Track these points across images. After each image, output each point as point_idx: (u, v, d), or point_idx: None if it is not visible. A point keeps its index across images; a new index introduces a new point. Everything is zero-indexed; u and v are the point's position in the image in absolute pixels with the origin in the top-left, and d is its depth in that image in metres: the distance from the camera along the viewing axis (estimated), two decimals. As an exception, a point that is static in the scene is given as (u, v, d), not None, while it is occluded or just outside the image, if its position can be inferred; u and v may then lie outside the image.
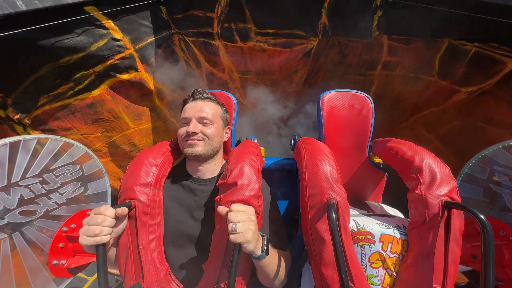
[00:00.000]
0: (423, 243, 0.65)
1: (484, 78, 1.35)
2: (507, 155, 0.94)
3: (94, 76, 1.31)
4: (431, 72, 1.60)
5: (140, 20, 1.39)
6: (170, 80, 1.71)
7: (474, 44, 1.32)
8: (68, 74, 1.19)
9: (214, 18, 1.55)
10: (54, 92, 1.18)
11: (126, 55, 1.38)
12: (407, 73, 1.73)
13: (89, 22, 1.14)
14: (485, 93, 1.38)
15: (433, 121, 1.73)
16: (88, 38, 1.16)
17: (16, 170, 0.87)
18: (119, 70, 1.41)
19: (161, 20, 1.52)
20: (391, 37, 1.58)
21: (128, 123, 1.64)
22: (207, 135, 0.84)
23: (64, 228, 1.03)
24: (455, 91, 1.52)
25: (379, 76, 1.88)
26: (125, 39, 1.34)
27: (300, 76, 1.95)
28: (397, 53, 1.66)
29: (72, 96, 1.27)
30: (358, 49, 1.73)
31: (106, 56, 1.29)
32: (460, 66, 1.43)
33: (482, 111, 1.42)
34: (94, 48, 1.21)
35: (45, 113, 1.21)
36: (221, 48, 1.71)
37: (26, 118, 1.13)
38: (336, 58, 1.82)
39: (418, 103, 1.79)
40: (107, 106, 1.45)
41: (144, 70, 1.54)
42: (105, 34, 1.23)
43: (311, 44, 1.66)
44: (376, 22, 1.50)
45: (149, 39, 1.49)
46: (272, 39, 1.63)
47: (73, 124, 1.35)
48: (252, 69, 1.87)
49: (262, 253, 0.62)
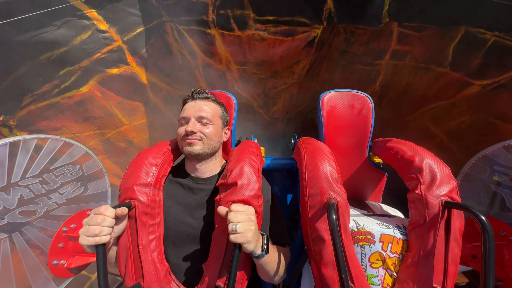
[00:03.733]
0: (423, 243, 0.66)
1: (501, 70, 1.27)
2: (507, 155, 0.94)
3: (81, 72, 1.23)
4: (443, 62, 1.51)
5: (127, 8, 1.28)
6: (164, 73, 1.62)
7: (494, 33, 1.23)
8: (51, 71, 1.12)
9: (209, 4, 1.43)
10: (38, 91, 1.12)
11: (114, 47, 1.29)
12: (417, 63, 1.64)
13: (69, 12, 1.04)
14: (500, 87, 1.31)
15: (441, 114, 1.66)
16: (70, 30, 1.07)
17: (16, 170, 0.88)
18: (108, 64, 1.33)
19: (151, 7, 1.40)
20: (402, 24, 1.47)
21: (121, 120, 1.58)
22: (205, 134, 0.84)
23: (64, 228, 1.03)
24: (467, 84, 1.44)
25: (387, 66, 1.78)
26: (111, 30, 1.24)
27: (302, 66, 1.84)
28: (407, 42, 1.56)
29: (59, 94, 1.20)
30: (365, 37, 1.62)
31: (91, 49, 1.20)
32: (476, 57, 1.34)
33: (495, 106, 1.35)
34: (77, 42, 1.12)
35: (31, 113, 1.15)
36: (217, 37, 1.61)
37: (11, 120, 1.08)
38: (341, 46, 1.72)
39: (427, 95, 1.71)
40: (97, 103, 1.39)
41: (135, 63, 1.45)
42: (89, 25, 1.14)
43: (315, 32, 1.55)
44: (387, 7, 1.37)
45: (139, 29, 1.38)
46: (272, 27, 1.53)
47: (63, 123, 1.30)
48: (251, 60, 1.77)
49: (262, 252, 0.63)
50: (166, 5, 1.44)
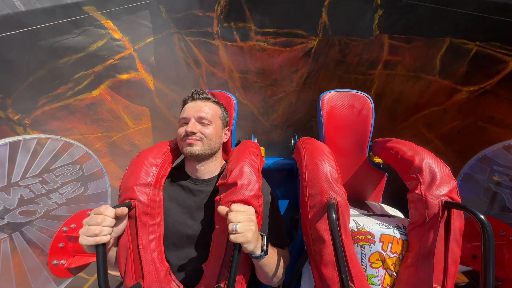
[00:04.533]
0: (423, 243, 0.65)
1: (485, 77, 1.34)
2: (507, 155, 0.94)
3: (94, 76, 1.31)
4: (432, 71, 1.59)
5: (139, 19, 1.39)
6: (170, 80, 1.70)
7: (476, 43, 1.31)
8: (68, 75, 1.19)
9: (214, 18, 1.54)
10: (53, 93, 1.19)
11: (125, 55, 1.38)
12: (408, 72, 1.72)
13: (88, 22, 1.14)
14: (486, 92, 1.37)
15: (434, 120, 1.71)
16: (87, 38, 1.16)
17: (16, 170, 0.87)
18: (119, 70, 1.41)
19: (161, 19, 1.52)
20: (391, 36, 1.57)
21: (128, 123, 1.64)
22: (205, 135, 0.83)
23: (64, 228, 1.03)
24: (456, 91, 1.51)
25: (380, 75, 1.87)
26: (124, 39, 1.34)
27: (300, 75, 1.94)
28: (397, 52, 1.65)
29: (72, 97, 1.27)
30: (358, 48, 1.72)
31: (105, 56, 1.29)
32: (462, 65, 1.42)
33: (483, 110, 1.41)
34: (93, 48, 1.21)
35: (45, 114, 1.21)
36: (221, 47, 1.70)
37: (26, 119, 1.13)
38: (336, 57, 1.81)
39: (419, 102, 1.77)
40: (107, 106, 1.45)
41: (144, 70, 1.54)
42: (104, 34, 1.23)
43: (311, 43, 1.65)
44: (377, 21, 1.49)
45: (149, 39, 1.48)
46: (272, 39, 1.62)
47: (73, 125, 1.35)
48: (252, 69, 1.86)
49: (262, 253, 0.62)
50: (175, 18, 1.55)
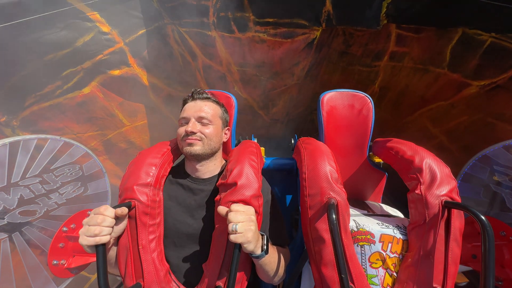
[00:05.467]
0: (423, 243, 0.65)
1: (498, 71, 1.28)
2: (507, 155, 0.94)
3: (83, 73, 1.25)
4: (441, 64, 1.52)
5: (129, 10, 1.30)
6: (165, 75, 1.63)
7: (491, 34, 1.24)
8: (54, 72, 1.13)
9: (209, 7, 1.45)
10: (41, 92, 1.13)
11: (115, 49, 1.30)
12: (415, 65, 1.65)
13: (72, 14, 1.06)
14: (498, 87, 1.32)
15: (440, 115, 1.67)
16: (73, 32, 1.09)
17: (16, 170, 0.87)
18: (110, 66, 1.34)
19: (152, 9, 1.42)
20: (399, 25, 1.48)
21: (123, 121, 1.59)
22: (205, 134, 0.83)
23: (64, 228, 1.03)
24: (465, 85, 1.45)
25: (385, 67, 1.80)
26: (113, 32, 1.26)
27: (302, 68, 1.86)
28: (405, 43, 1.57)
29: (61, 95, 1.22)
30: (364, 39, 1.63)
31: (94, 51, 1.21)
32: (473, 57, 1.35)
33: (493, 106, 1.36)
34: (80, 43, 1.13)
35: (33, 114, 1.16)
36: (218, 39, 1.62)
37: (14, 120, 1.09)
38: (340, 48, 1.73)
39: (425, 96, 1.72)
40: (99, 104, 1.40)
41: (137, 65, 1.47)
42: (91, 27, 1.15)
43: (314, 34, 1.57)
44: (385, 9, 1.39)
45: (140, 31, 1.40)
46: (272, 29, 1.54)
47: (65, 124, 1.31)
48: (251, 62, 1.79)
49: (262, 252, 0.63)
50: (168, 7, 1.46)
